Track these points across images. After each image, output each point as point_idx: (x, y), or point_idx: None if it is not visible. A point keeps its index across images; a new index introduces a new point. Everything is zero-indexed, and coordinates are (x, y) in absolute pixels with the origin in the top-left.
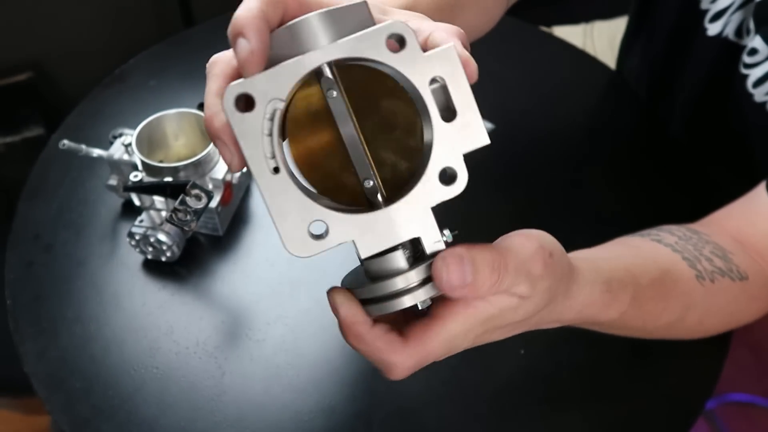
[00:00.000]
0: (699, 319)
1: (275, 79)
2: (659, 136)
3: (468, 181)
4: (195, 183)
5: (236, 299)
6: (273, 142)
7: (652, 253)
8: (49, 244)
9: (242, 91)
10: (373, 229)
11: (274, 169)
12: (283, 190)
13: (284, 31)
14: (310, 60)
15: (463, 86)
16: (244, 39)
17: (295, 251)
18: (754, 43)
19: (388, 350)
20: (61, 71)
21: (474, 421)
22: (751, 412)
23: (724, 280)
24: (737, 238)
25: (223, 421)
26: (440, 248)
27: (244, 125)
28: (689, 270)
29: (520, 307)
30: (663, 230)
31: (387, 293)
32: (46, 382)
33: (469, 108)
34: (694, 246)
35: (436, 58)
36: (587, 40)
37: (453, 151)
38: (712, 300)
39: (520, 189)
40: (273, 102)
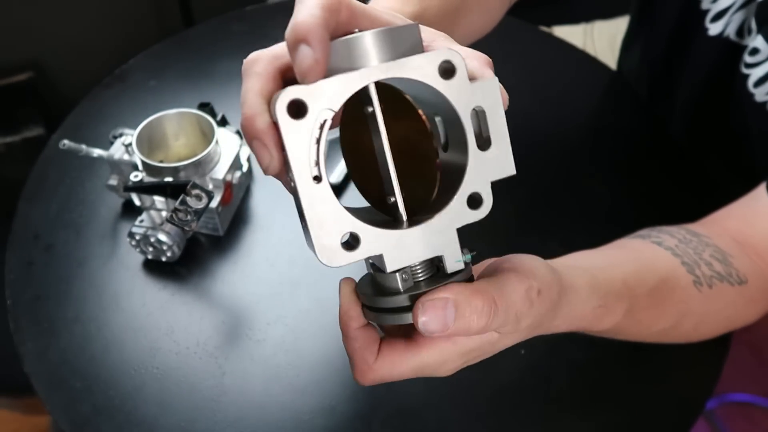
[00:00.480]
0: (694, 325)
1: (331, 90)
2: (659, 136)
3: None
4: (195, 183)
5: (236, 299)
6: (319, 151)
7: (651, 259)
8: (49, 244)
9: (299, 97)
10: (402, 244)
11: (315, 178)
12: (322, 199)
13: (341, 44)
14: (367, 75)
15: (501, 118)
16: (308, 47)
17: (326, 260)
18: (755, 42)
19: (359, 356)
20: (61, 71)
21: (474, 421)
22: (751, 412)
23: (722, 285)
24: (738, 239)
25: (223, 421)
26: (459, 268)
27: (295, 132)
28: (687, 276)
29: (500, 341)
30: (663, 232)
31: (381, 306)
32: (46, 382)
33: (503, 139)
34: (694, 249)
35: (480, 90)
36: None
37: (483, 178)
38: (709, 306)
39: (520, 189)
40: (324, 112)
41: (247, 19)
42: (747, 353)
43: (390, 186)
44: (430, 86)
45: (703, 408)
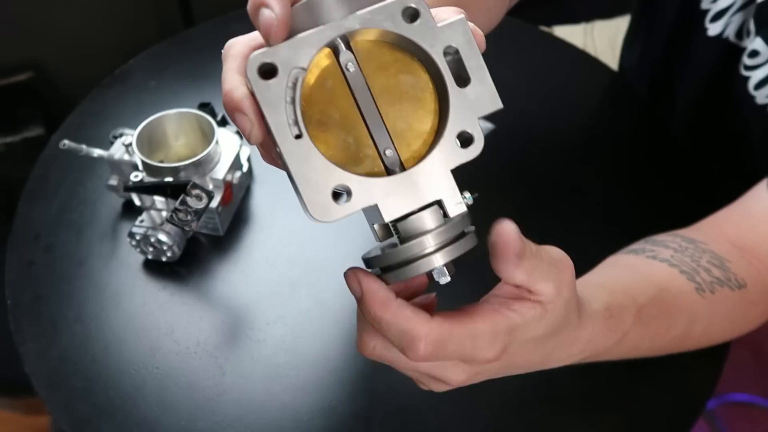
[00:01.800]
0: (704, 330)
1: (297, 48)
2: (660, 136)
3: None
4: (195, 183)
5: (236, 299)
6: (296, 109)
7: (647, 271)
8: (49, 244)
9: (266, 59)
10: (395, 192)
11: (297, 136)
12: (306, 155)
13: (302, 6)
14: (330, 30)
15: (476, 55)
16: (267, 8)
17: (318, 216)
18: (754, 44)
19: (415, 319)
20: (61, 71)
21: (474, 421)
22: (751, 412)
23: (723, 290)
24: (737, 243)
25: (223, 420)
26: (462, 210)
27: (268, 92)
28: (688, 283)
29: (543, 318)
30: (657, 244)
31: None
32: (46, 382)
33: (482, 74)
34: (690, 257)
35: (449, 29)
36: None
37: (469, 116)
38: (714, 310)
39: (520, 189)
40: (295, 71)
41: (247, 19)
42: (747, 353)
43: (384, 139)
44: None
45: (703, 408)
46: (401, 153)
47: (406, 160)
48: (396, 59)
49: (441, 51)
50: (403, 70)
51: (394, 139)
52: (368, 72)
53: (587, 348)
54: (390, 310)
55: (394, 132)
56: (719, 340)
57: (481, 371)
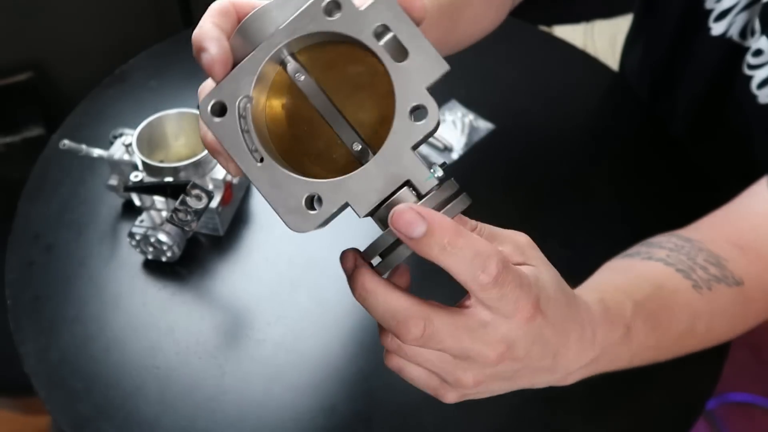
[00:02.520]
0: (707, 326)
1: (236, 79)
2: (660, 136)
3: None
4: (195, 183)
5: (236, 299)
6: (252, 137)
7: (642, 271)
8: (49, 244)
9: (213, 99)
10: (362, 186)
11: (260, 160)
12: (271, 175)
13: (236, 36)
14: (261, 52)
15: (407, 26)
16: (205, 52)
17: (298, 228)
18: (758, 44)
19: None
20: (61, 71)
21: (474, 421)
22: (751, 412)
23: (720, 286)
24: (736, 242)
25: (223, 420)
26: (433, 185)
27: (223, 129)
28: (685, 281)
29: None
30: (653, 246)
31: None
32: (46, 382)
33: (419, 43)
34: (686, 255)
35: (372, 9)
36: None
37: (416, 88)
38: (714, 306)
39: (520, 189)
40: (242, 101)
41: None
42: (747, 353)
43: (349, 134)
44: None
45: (703, 408)
46: (371, 141)
47: (376, 148)
48: (339, 53)
49: (371, 34)
50: (348, 61)
51: (360, 131)
52: (317, 74)
53: (596, 344)
54: (381, 287)
55: (357, 124)
56: (722, 338)
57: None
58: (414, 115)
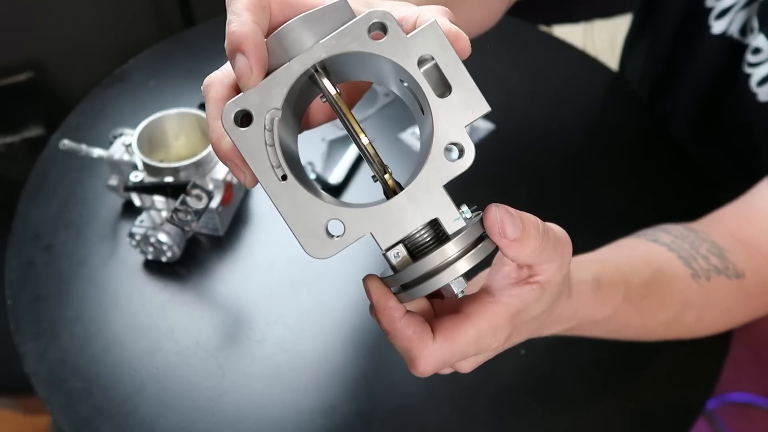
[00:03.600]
0: (697, 316)
1: (267, 91)
2: (660, 135)
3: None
4: (195, 183)
5: (236, 299)
6: (277, 152)
7: (645, 253)
8: (49, 244)
9: (238, 108)
10: (389, 218)
11: (282, 177)
12: (294, 195)
13: (272, 40)
14: (296, 65)
15: (453, 60)
16: (242, 55)
17: (315, 254)
18: (757, 42)
19: (417, 340)
20: (61, 71)
21: (474, 421)
22: (751, 412)
23: (720, 278)
24: (738, 236)
25: (223, 421)
26: (461, 226)
27: (246, 140)
28: (684, 268)
29: (542, 298)
30: (659, 230)
31: (418, 276)
32: (46, 382)
33: (463, 79)
34: (690, 244)
35: (420, 38)
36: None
37: (455, 126)
38: (709, 297)
39: (520, 189)
40: (270, 112)
41: None
42: (747, 353)
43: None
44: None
45: (703, 408)
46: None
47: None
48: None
49: (415, 62)
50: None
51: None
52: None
53: (575, 316)
54: (394, 328)
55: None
56: (713, 329)
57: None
58: (449, 153)
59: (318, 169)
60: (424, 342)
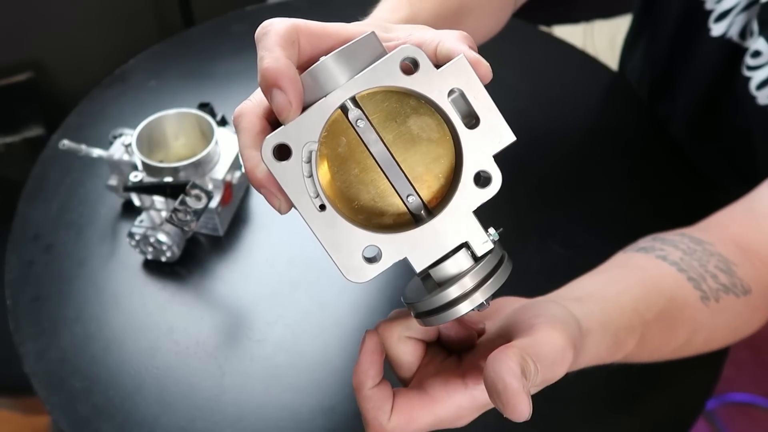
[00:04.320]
0: (705, 339)
1: (306, 125)
2: (660, 136)
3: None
4: (195, 183)
5: (236, 299)
6: (315, 182)
7: (657, 278)
8: (49, 244)
9: (278, 141)
10: (422, 242)
11: (320, 207)
12: (332, 224)
13: (307, 77)
14: (333, 100)
15: (481, 92)
16: (280, 90)
17: (355, 279)
18: (757, 45)
19: (373, 414)
20: (61, 71)
21: (474, 421)
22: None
23: (728, 297)
24: (741, 244)
25: (222, 420)
26: (489, 248)
27: (286, 173)
28: (694, 292)
29: None
30: (667, 243)
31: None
32: (46, 382)
33: (490, 111)
34: (698, 261)
35: (449, 72)
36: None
37: (483, 155)
38: (717, 320)
39: (520, 189)
40: (307, 145)
41: (247, 19)
42: (747, 353)
43: (405, 186)
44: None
45: (703, 408)
46: (423, 195)
47: (429, 201)
48: (403, 105)
49: (446, 95)
50: (412, 114)
51: (414, 184)
52: (378, 123)
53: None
54: (360, 394)
55: (413, 177)
56: (719, 346)
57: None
58: (478, 181)
59: None
60: (379, 420)
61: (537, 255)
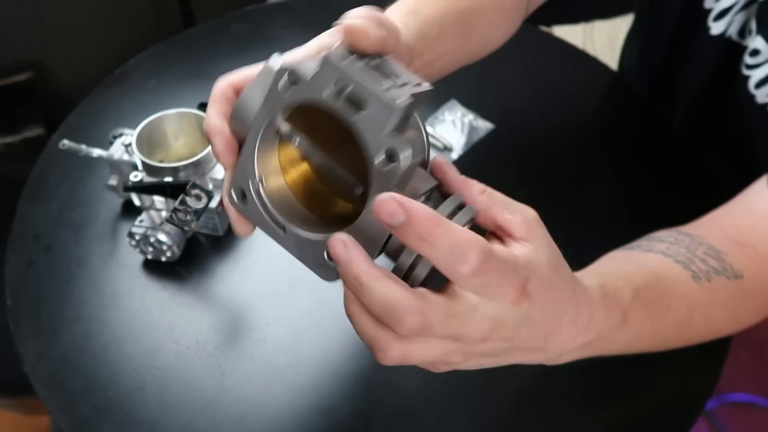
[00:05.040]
0: (705, 317)
1: (242, 166)
2: (660, 136)
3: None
4: (195, 183)
5: (236, 299)
6: (271, 211)
7: (642, 260)
8: (49, 244)
9: (231, 188)
10: (367, 231)
11: (283, 229)
12: (296, 239)
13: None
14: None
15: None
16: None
17: (328, 278)
18: (755, 43)
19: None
20: (61, 71)
21: (474, 421)
22: (751, 412)
23: (719, 278)
24: (736, 239)
25: (223, 420)
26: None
27: (250, 211)
28: (684, 271)
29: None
30: (653, 239)
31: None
32: (46, 382)
33: (371, 90)
34: (686, 248)
35: (320, 74)
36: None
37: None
38: (713, 298)
39: (520, 189)
40: (252, 182)
41: (247, 19)
42: (747, 353)
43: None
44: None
45: (703, 408)
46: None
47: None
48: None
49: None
50: (326, 117)
51: (356, 176)
52: (308, 135)
53: (590, 329)
54: (375, 278)
55: (353, 170)
56: (720, 332)
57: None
58: (389, 158)
59: None
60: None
61: None
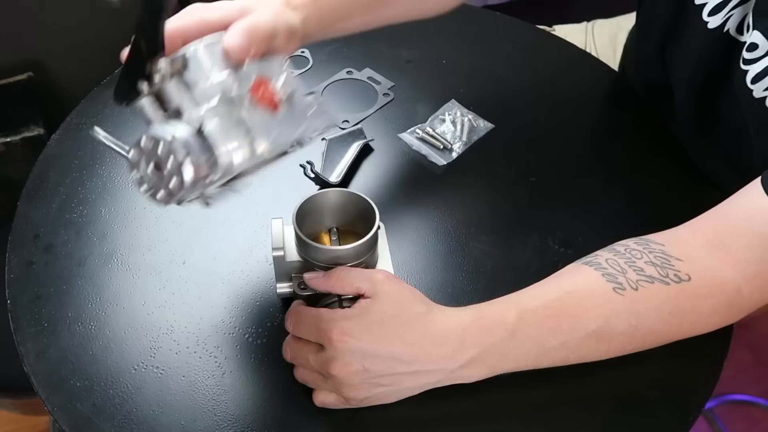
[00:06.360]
0: (629, 323)
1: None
2: (660, 136)
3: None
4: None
5: (236, 299)
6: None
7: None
8: (49, 244)
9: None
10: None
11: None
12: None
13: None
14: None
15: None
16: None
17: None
18: (753, 38)
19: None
20: (61, 71)
21: (474, 421)
22: (751, 412)
23: (652, 286)
24: (712, 240)
25: (223, 420)
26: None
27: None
28: (606, 285)
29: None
30: (608, 249)
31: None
32: (46, 382)
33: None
34: (626, 260)
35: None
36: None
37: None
38: (639, 305)
39: (520, 189)
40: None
41: None
42: (747, 353)
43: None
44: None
45: (703, 408)
46: None
47: None
48: None
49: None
50: None
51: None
52: None
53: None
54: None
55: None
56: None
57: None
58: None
59: (318, 168)
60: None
61: (537, 255)
